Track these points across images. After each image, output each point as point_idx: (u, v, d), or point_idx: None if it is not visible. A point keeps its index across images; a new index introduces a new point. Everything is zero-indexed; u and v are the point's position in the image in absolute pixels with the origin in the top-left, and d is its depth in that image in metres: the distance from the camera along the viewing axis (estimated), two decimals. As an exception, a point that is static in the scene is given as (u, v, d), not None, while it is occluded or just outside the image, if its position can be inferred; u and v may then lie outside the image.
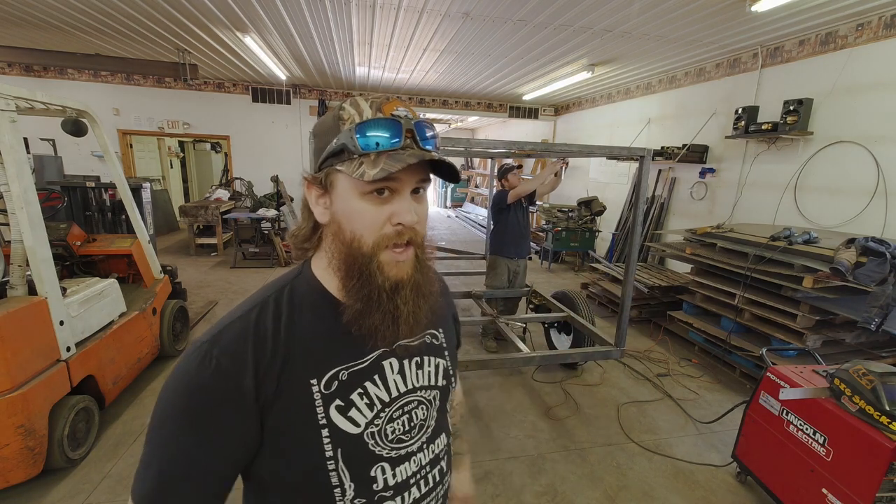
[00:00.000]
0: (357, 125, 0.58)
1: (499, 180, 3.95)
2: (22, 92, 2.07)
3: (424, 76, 6.87)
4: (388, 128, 0.58)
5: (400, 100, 0.64)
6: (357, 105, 0.60)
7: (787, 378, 2.02)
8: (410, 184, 0.60)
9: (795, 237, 3.06)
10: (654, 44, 4.58)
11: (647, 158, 2.65)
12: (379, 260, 0.60)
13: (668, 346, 4.07)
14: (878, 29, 3.47)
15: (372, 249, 0.59)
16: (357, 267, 0.60)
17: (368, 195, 0.59)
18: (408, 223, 0.59)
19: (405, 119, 0.60)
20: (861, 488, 1.67)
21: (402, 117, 0.60)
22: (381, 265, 0.60)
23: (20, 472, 1.94)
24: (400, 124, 0.59)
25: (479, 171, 14.52)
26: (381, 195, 0.59)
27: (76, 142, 7.12)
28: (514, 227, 3.81)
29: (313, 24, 4.55)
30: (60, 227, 2.99)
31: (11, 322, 1.90)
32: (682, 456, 2.54)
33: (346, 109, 0.61)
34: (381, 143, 0.57)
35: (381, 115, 0.59)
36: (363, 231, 0.59)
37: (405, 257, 0.61)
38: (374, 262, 0.60)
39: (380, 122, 0.58)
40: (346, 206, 0.60)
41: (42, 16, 4.62)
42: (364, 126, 0.58)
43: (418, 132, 0.60)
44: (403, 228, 0.60)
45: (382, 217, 0.59)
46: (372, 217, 0.59)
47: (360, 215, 0.59)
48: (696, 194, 5.36)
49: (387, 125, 0.58)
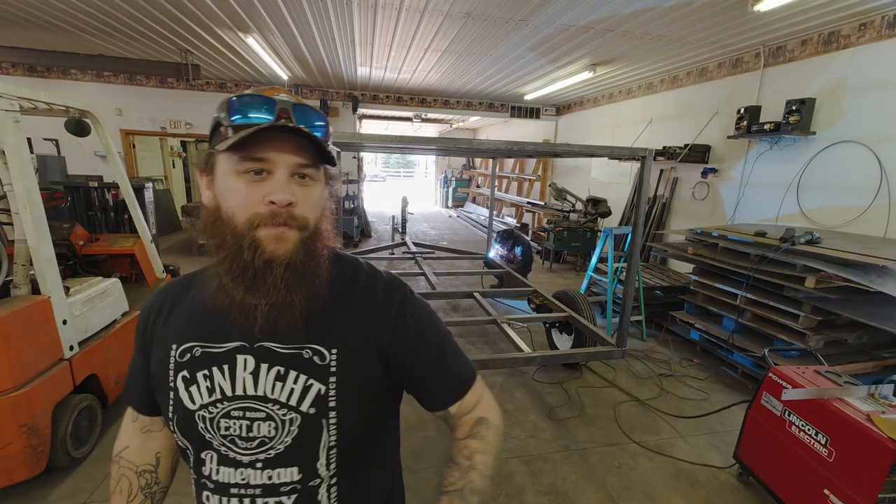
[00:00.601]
0: (229, 100, 0.59)
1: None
2: (25, 92, 2.08)
3: (426, 76, 6.87)
4: (258, 104, 0.58)
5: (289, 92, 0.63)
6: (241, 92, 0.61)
7: (790, 378, 2.02)
8: (286, 165, 0.59)
9: (798, 237, 3.05)
10: (656, 43, 4.57)
11: (649, 158, 2.65)
12: (254, 235, 0.58)
13: (670, 346, 4.06)
14: (881, 28, 3.46)
15: (244, 227, 0.58)
16: (231, 243, 0.59)
17: (244, 174, 0.58)
18: (279, 201, 0.57)
19: (280, 101, 0.59)
20: (863, 489, 1.67)
21: (276, 97, 0.59)
22: (256, 240, 0.58)
23: (23, 470, 1.95)
24: (272, 101, 0.58)
25: (481, 171, 14.52)
26: (259, 175, 0.58)
27: (79, 142, 7.13)
28: None
29: (315, 24, 4.56)
30: (63, 226, 3.00)
31: (15, 321, 1.91)
32: (684, 456, 2.54)
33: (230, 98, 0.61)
34: (247, 116, 0.57)
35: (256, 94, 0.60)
36: (236, 209, 0.59)
37: (287, 235, 0.59)
38: (248, 238, 0.58)
39: (251, 98, 0.58)
40: (223, 186, 0.60)
41: (45, 17, 4.64)
42: (235, 100, 0.59)
43: (295, 113, 0.59)
44: (277, 208, 0.58)
45: (256, 196, 0.58)
46: (245, 195, 0.58)
47: (235, 193, 0.59)
48: (698, 194, 5.35)
49: (257, 101, 0.58)
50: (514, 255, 5.43)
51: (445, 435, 2.63)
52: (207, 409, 0.64)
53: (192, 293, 0.71)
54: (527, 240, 5.62)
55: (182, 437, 0.67)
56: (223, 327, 0.65)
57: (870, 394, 1.85)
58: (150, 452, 0.78)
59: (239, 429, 0.64)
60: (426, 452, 2.47)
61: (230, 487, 0.65)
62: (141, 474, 0.77)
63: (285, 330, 0.63)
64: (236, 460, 0.65)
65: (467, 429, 0.74)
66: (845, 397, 1.85)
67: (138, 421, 0.78)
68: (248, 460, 0.64)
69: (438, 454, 2.46)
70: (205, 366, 0.65)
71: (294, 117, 0.59)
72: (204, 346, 0.66)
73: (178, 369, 0.66)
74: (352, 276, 0.73)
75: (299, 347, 0.65)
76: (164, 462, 0.80)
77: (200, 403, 0.65)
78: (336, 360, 0.66)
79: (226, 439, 0.64)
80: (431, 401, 0.75)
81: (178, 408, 0.66)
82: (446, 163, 16.32)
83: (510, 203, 10.97)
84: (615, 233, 4.31)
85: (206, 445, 0.66)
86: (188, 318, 0.69)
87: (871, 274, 2.56)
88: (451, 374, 0.75)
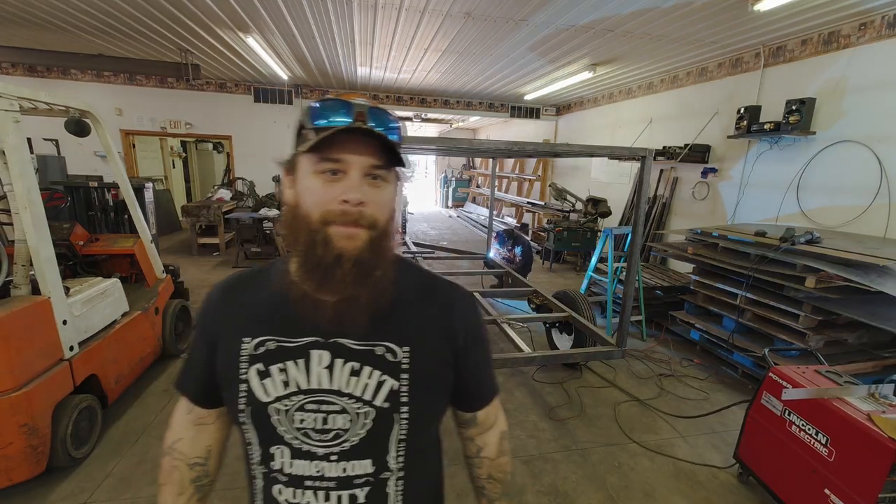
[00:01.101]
0: (311, 105, 0.63)
1: None
2: (25, 92, 2.08)
3: (426, 76, 6.87)
4: (337, 107, 0.62)
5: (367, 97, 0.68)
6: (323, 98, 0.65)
7: (790, 378, 2.02)
8: (360, 166, 0.62)
9: (798, 237, 3.05)
10: (656, 43, 4.57)
11: (649, 158, 2.65)
12: (326, 232, 0.61)
13: (670, 346, 4.06)
14: (881, 28, 3.46)
15: (318, 223, 0.62)
16: (308, 239, 0.62)
17: (321, 174, 0.62)
18: (351, 200, 0.60)
19: (357, 104, 0.62)
20: (863, 489, 1.67)
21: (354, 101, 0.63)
22: (328, 237, 0.61)
23: (24, 470, 1.96)
24: (349, 105, 0.62)
25: (481, 171, 14.52)
26: (334, 175, 0.61)
27: (79, 142, 7.14)
28: None
29: (315, 24, 4.56)
30: (63, 226, 3.00)
31: (15, 321, 1.91)
32: (684, 456, 2.54)
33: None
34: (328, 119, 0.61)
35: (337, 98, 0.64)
36: (312, 206, 0.62)
37: (357, 234, 0.62)
38: (321, 234, 0.61)
39: (332, 101, 0.63)
40: (303, 185, 0.64)
41: (45, 16, 4.64)
42: (317, 104, 0.63)
43: (371, 116, 0.62)
44: (349, 207, 0.61)
45: (331, 194, 0.61)
46: (321, 193, 0.62)
47: (312, 191, 0.62)
48: (698, 194, 5.35)
49: (336, 105, 0.62)
50: (514, 255, 5.43)
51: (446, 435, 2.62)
52: (282, 401, 0.66)
53: (259, 288, 0.73)
54: (527, 240, 5.62)
55: (253, 429, 0.68)
56: (296, 322, 0.67)
57: (870, 393, 1.85)
58: (202, 445, 0.79)
59: (314, 421, 0.66)
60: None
61: (305, 480, 0.67)
62: (192, 467, 0.78)
63: (352, 325, 0.66)
64: (311, 453, 0.66)
65: (495, 447, 0.84)
66: (845, 397, 1.85)
67: (193, 413, 0.78)
68: (323, 452, 0.66)
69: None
70: (279, 359, 0.67)
71: (369, 120, 0.62)
72: (279, 340, 0.68)
73: (253, 362, 0.67)
74: (415, 278, 0.77)
75: (372, 344, 0.68)
76: (214, 456, 0.81)
77: (275, 396, 0.66)
78: (408, 358, 0.69)
79: (300, 432, 0.66)
80: (469, 402, 0.80)
81: (251, 400, 0.67)
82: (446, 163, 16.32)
83: (510, 203, 10.97)
84: (615, 233, 4.31)
85: (277, 439, 0.67)
86: (260, 312, 0.71)
87: (871, 274, 2.56)
88: (490, 379, 0.82)
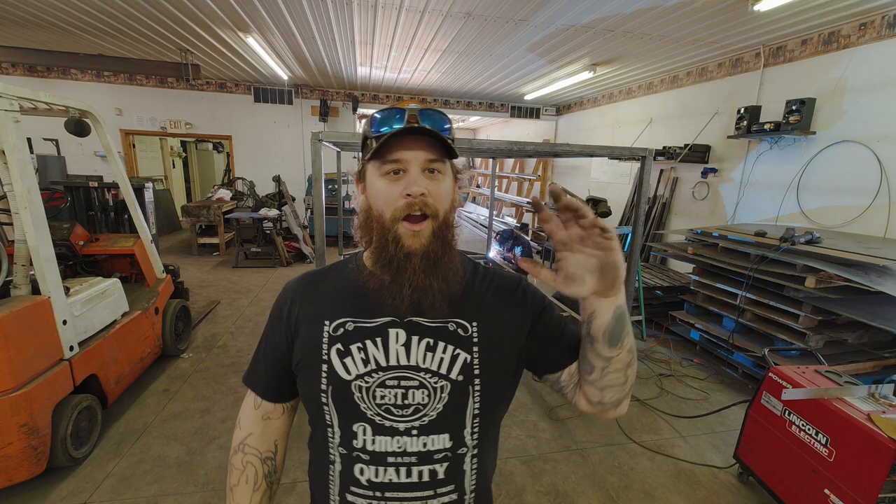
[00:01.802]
0: (371, 117, 0.72)
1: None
2: (25, 92, 2.08)
3: (426, 76, 6.87)
4: (392, 114, 0.70)
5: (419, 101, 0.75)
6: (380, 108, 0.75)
7: (790, 378, 2.02)
8: (417, 162, 0.68)
9: (798, 237, 3.05)
10: (656, 43, 4.57)
11: (649, 158, 2.65)
12: (396, 231, 0.68)
13: (670, 346, 4.06)
14: (881, 28, 3.46)
15: (391, 221, 0.68)
16: (381, 237, 0.69)
17: (386, 175, 0.69)
18: (414, 192, 0.66)
19: (409, 108, 0.69)
20: (863, 489, 1.67)
21: (407, 107, 0.70)
22: (397, 236, 0.68)
23: (23, 470, 1.95)
24: (403, 110, 0.69)
25: (481, 171, 14.52)
26: (397, 175, 0.68)
27: (79, 142, 7.15)
28: None
29: (315, 24, 4.56)
30: (63, 226, 3.00)
31: (15, 321, 1.91)
32: (684, 456, 2.54)
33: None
34: (387, 125, 0.69)
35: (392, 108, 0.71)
36: (383, 206, 0.69)
37: (421, 228, 0.68)
38: (392, 233, 0.68)
39: (388, 110, 0.70)
40: (372, 188, 0.71)
41: (45, 16, 4.64)
42: (376, 116, 0.71)
43: (422, 117, 0.69)
44: (412, 199, 0.66)
45: (396, 192, 0.67)
46: (388, 192, 0.68)
47: (380, 192, 0.69)
48: (697, 194, 5.35)
49: (392, 111, 0.70)
50: (513, 255, 5.43)
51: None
52: (363, 378, 0.70)
53: (337, 278, 0.80)
54: (527, 240, 5.62)
55: (335, 408, 0.71)
56: (373, 305, 0.72)
57: (870, 393, 1.85)
58: (270, 440, 0.82)
59: (394, 397, 0.69)
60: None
61: (387, 457, 0.69)
62: (265, 461, 0.80)
63: (429, 309, 0.70)
64: (393, 428, 0.69)
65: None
66: (845, 397, 1.85)
67: (261, 408, 0.81)
68: (405, 427, 0.69)
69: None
70: (358, 339, 0.72)
71: (422, 120, 0.68)
72: (356, 321, 0.73)
73: (332, 343, 0.72)
74: (473, 267, 0.82)
75: (444, 322, 0.72)
76: (281, 451, 0.84)
77: (356, 374, 0.70)
78: (478, 333, 0.73)
79: (381, 408, 0.69)
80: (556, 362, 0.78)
81: (332, 379, 0.71)
82: (446, 163, 16.30)
83: (510, 203, 10.97)
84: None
85: (359, 416, 0.69)
86: (336, 298, 0.76)
87: (871, 274, 2.56)
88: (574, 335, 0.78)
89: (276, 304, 0.81)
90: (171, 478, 2.21)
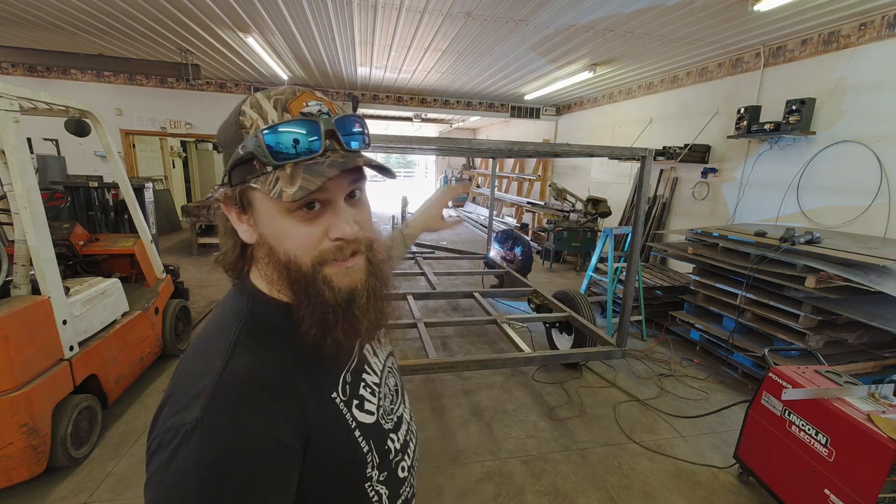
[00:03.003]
0: (263, 131, 0.49)
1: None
2: (25, 92, 2.08)
3: (426, 76, 6.87)
4: (302, 129, 0.50)
5: (311, 92, 0.53)
6: (259, 106, 0.52)
7: (790, 378, 2.02)
8: (342, 191, 0.53)
9: (798, 237, 3.05)
10: (656, 43, 4.57)
11: (649, 158, 2.65)
12: (324, 275, 0.53)
13: (670, 346, 4.06)
14: (881, 28, 3.46)
15: (312, 268, 0.53)
16: (302, 287, 0.54)
17: (296, 212, 0.52)
18: (348, 236, 0.53)
19: (323, 118, 0.52)
20: (863, 489, 1.67)
21: (316, 115, 0.52)
22: (327, 279, 0.54)
23: (24, 470, 1.96)
24: (317, 124, 0.51)
25: (481, 171, 14.52)
26: (312, 209, 0.52)
27: (79, 142, 7.14)
28: None
29: (315, 24, 4.56)
30: (63, 226, 3.00)
31: (15, 321, 1.91)
32: (684, 456, 2.54)
33: (246, 114, 0.52)
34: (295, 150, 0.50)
35: (288, 115, 0.51)
36: (297, 251, 0.53)
37: (354, 263, 0.55)
38: (319, 279, 0.53)
39: (292, 124, 0.50)
40: (273, 227, 0.53)
41: (45, 16, 4.64)
42: (272, 132, 0.49)
43: (340, 130, 0.53)
44: (344, 243, 0.54)
45: (317, 233, 0.53)
46: (305, 235, 0.52)
47: (291, 235, 0.52)
48: (698, 194, 5.35)
49: (299, 126, 0.50)
50: (513, 255, 5.43)
51: (446, 435, 2.63)
52: (379, 406, 0.69)
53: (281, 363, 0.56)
54: (527, 240, 5.61)
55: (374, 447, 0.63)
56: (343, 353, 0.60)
57: (870, 393, 1.85)
58: None
59: (389, 396, 0.72)
60: (426, 453, 2.46)
61: (407, 438, 0.73)
62: None
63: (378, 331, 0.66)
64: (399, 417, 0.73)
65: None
66: (845, 397, 1.85)
67: None
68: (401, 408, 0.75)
69: (438, 454, 2.46)
70: (358, 381, 0.66)
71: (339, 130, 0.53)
72: (347, 369, 0.64)
73: (349, 405, 0.62)
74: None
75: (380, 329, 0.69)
76: None
77: (375, 407, 0.67)
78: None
79: (390, 413, 0.71)
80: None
81: (366, 433, 0.62)
82: (446, 163, 16.32)
83: (510, 203, 10.97)
84: (615, 233, 4.30)
85: (387, 434, 0.68)
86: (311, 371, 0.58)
87: (871, 274, 2.56)
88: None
89: (241, 464, 0.46)
90: (171, 478, 2.21)
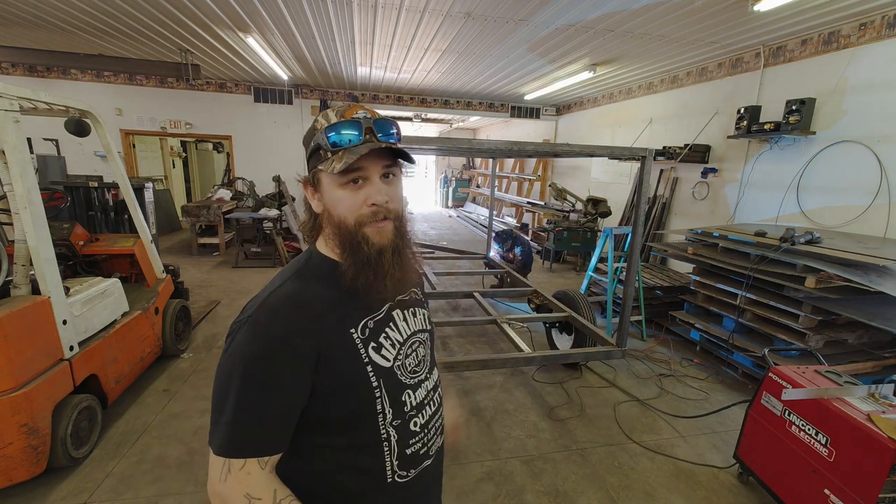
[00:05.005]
0: (325, 128, 0.74)
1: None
2: (25, 92, 2.08)
3: (426, 76, 6.87)
4: (350, 127, 0.74)
5: (361, 105, 0.79)
6: (327, 116, 0.77)
7: (790, 378, 2.02)
8: (377, 170, 0.75)
9: (798, 237, 3.05)
10: (656, 43, 4.57)
11: (649, 158, 2.65)
12: (363, 233, 0.75)
13: (670, 346, 4.06)
14: (881, 28, 3.46)
15: (355, 227, 0.75)
16: (348, 241, 0.76)
17: (346, 185, 0.75)
18: (379, 203, 0.75)
19: (364, 119, 0.75)
20: (863, 489, 1.67)
21: (361, 118, 0.75)
22: (365, 237, 0.75)
23: (23, 470, 1.96)
24: (359, 123, 0.74)
25: (481, 171, 14.51)
26: (357, 184, 0.75)
27: (79, 142, 7.14)
28: None
29: (315, 24, 4.56)
30: (63, 226, 3.00)
31: (15, 321, 1.91)
32: (684, 456, 2.54)
33: (318, 120, 0.78)
34: (344, 140, 0.73)
35: (343, 119, 0.75)
36: (346, 214, 0.76)
37: (384, 225, 0.77)
38: (359, 235, 0.75)
39: (343, 124, 0.74)
40: (331, 197, 0.77)
41: (45, 16, 4.64)
42: (331, 128, 0.74)
43: (377, 128, 0.75)
44: (377, 208, 0.75)
45: (359, 201, 0.75)
46: (350, 202, 0.75)
47: (342, 202, 0.75)
48: (698, 194, 5.35)
49: (348, 125, 0.74)
50: (513, 255, 5.43)
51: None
52: (397, 358, 0.82)
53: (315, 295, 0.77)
54: (527, 240, 5.62)
55: (387, 394, 0.78)
56: (371, 300, 0.80)
57: (870, 393, 1.85)
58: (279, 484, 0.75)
59: (413, 360, 0.86)
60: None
61: (424, 400, 0.86)
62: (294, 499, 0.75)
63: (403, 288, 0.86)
64: (419, 381, 0.86)
65: None
66: (845, 397, 1.85)
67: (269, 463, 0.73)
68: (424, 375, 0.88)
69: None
70: (380, 331, 0.81)
71: (376, 130, 0.75)
72: (372, 317, 0.81)
73: (366, 344, 0.78)
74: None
75: (409, 293, 0.91)
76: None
77: (393, 357, 0.81)
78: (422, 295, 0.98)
79: (411, 373, 0.85)
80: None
81: (380, 372, 0.78)
82: (446, 163, 16.31)
83: (510, 203, 10.97)
84: (615, 233, 4.30)
85: (403, 387, 0.82)
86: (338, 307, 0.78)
87: (871, 274, 2.56)
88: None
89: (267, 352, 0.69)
90: (171, 478, 2.21)
